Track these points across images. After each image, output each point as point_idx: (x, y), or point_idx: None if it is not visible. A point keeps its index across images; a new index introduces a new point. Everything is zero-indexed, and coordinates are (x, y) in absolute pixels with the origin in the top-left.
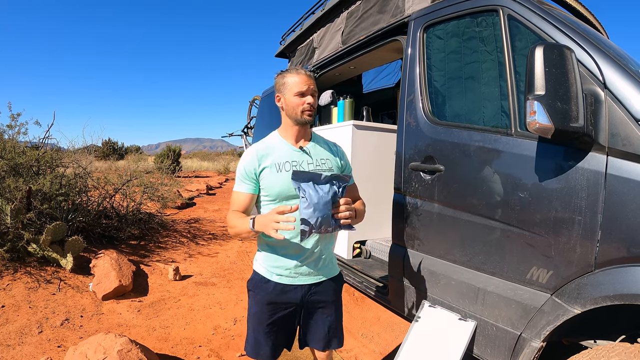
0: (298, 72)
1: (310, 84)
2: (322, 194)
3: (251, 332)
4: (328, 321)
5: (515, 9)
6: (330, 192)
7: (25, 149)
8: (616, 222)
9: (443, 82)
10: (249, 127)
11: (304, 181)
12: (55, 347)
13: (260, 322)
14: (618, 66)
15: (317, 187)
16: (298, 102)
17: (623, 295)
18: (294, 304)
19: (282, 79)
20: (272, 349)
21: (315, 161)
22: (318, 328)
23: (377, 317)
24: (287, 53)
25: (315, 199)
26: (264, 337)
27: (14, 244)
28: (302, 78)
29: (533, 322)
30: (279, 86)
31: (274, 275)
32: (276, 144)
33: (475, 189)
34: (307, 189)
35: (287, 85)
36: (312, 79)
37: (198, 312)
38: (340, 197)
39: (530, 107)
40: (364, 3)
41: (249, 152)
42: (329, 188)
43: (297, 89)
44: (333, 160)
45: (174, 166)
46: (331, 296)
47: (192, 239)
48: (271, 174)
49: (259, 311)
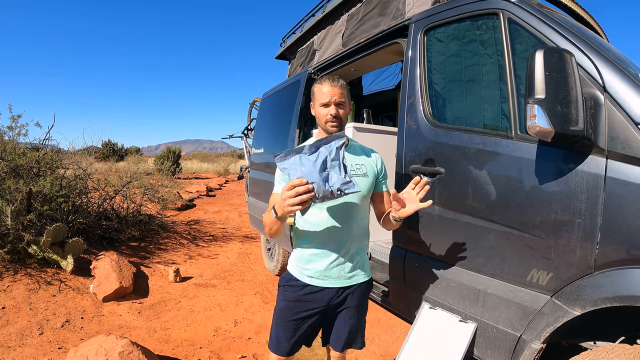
0: (323, 82)
1: (334, 94)
2: (307, 165)
3: (274, 326)
4: (350, 324)
5: (515, 12)
6: (319, 159)
7: (26, 150)
8: (615, 225)
9: (443, 84)
10: (249, 129)
11: (287, 160)
12: (56, 349)
13: (284, 317)
14: (617, 70)
15: (302, 161)
16: (323, 113)
17: (622, 297)
18: (320, 306)
19: (313, 88)
20: (291, 345)
21: (350, 166)
22: (339, 330)
23: (377, 319)
24: (288, 55)
25: (303, 173)
26: (285, 332)
27: (15, 245)
28: (327, 89)
29: (533, 324)
30: (312, 95)
31: (304, 277)
32: None
33: (475, 192)
34: (291, 168)
35: (315, 96)
36: (338, 88)
37: (198, 313)
38: (336, 158)
39: (530, 111)
40: (365, 5)
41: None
42: (316, 157)
43: (321, 100)
44: (369, 166)
45: (174, 168)
46: (358, 301)
47: (192, 240)
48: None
49: (285, 307)
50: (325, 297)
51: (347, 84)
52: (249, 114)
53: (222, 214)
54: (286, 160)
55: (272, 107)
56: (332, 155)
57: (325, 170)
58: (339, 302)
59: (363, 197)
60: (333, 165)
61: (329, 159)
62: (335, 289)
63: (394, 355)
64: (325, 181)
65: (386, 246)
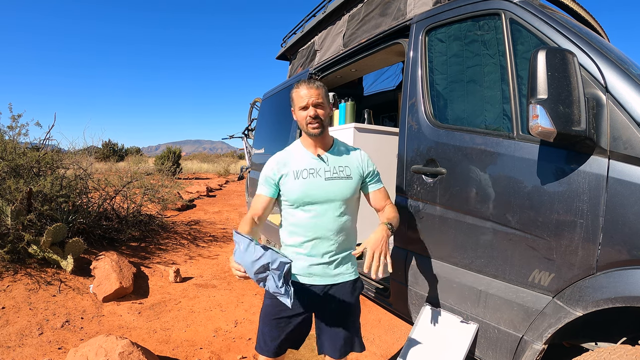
0: (298, 85)
1: (311, 95)
2: (249, 258)
3: (260, 326)
4: (342, 329)
5: (517, 12)
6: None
7: (26, 150)
8: (617, 225)
9: (445, 85)
10: (250, 129)
11: (243, 239)
12: (56, 349)
13: (268, 315)
14: (619, 70)
15: (249, 249)
16: (303, 116)
17: (624, 298)
18: (306, 304)
19: (291, 94)
20: (277, 346)
21: (332, 169)
22: (332, 336)
23: (377, 320)
24: (288, 55)
25: (243, 260)
26: (271, 332)
27: (15, 245)
28: (303, 91)
29: (535, 325)
30: (291, 100)
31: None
32: (297, 152)
33: (477, 192)
34: (238, 245)
35: (293, 101)
36: (314, 89)
37: (199, 314)
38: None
39: (532, 111)
40: (366, 6)
41: (272, 160)
42: (259, 256)
43: (299, 104)
44: (353, 167)
45: (174, 168)
46: (346, 301)
47: (193, 240)
48: (290, 181)
49: (269, 305)
50: (311, 294)
51: (346, 84)
52: (250, 114)
53: (223, 215)
54: (240, 236)
55: (273, 108)
56: (274, 265)
57: (265, 272)
58: (326, 302)
59: (347, 199)
60: (273, 275)
61: (271, 266)
62: (321, 287)
63: (395, 356)
64: (261, 281)
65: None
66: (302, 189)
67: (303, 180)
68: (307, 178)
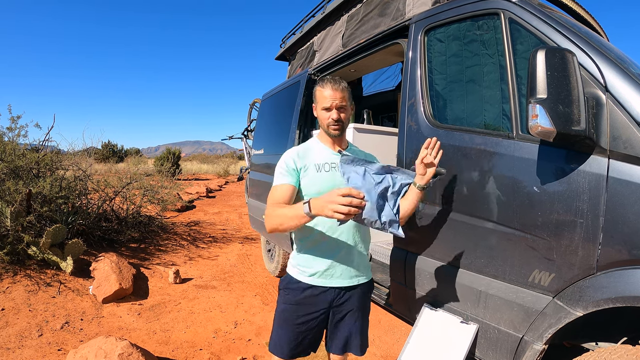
0: (324, 85)
1: (336, 98)
2: (369, 182)
3: (275, 329)
4: (351, 326)
5: (516, 12)
6: (382, 184)
7: (25, 151)
8: (618, 225)
9: (444, 85)
10: (249, 130)
11: (353, 166)
12: (56, 351)
13: (286, 320)
14: (619, 69)
15: (367, 175)
16: (325, 117)
17: (625, 298)
18: (322, 308)
19: (315, 90)
20: (292, 349)
21: None
22: (339, 332)
23: (377, 320)
24: (287, 56)
25: (363, 187)
26: (287, 335)
27: (14, 246)
28: (328, 92)
29: (535, 325)
30: (314, 96)
31: (306, 277)
32: (315, 147)
33: (476, 192)
34: (352, 174)
35: (317, 98)
36: (339, 92)
37: (198, 315)
38: (396, 193)
39: (532, 111)
40: (365, 6)
41: (290, 151)
42: (381, 179)
43: (322, 104)
44: None
45: (173, 169)
46: (360, 302)
47: (192, 241)
48: (311, 173)
49: (286, 310)
50: (328, 298)
51: (347, 84)
52: (249, 115)
53: (222, 215)
54: (350, 166)
55: (272, 108)
56: (394, 188)
57: (383, 199)
58: (342, 304)
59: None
60: (391, 198)
61: (389, 190)
62: (338, 290)
63: (395, 357)
64: (378, 209)
65: (387, 247)
66: (325, 181)
67: (326, 173)
68: (329, 171)
